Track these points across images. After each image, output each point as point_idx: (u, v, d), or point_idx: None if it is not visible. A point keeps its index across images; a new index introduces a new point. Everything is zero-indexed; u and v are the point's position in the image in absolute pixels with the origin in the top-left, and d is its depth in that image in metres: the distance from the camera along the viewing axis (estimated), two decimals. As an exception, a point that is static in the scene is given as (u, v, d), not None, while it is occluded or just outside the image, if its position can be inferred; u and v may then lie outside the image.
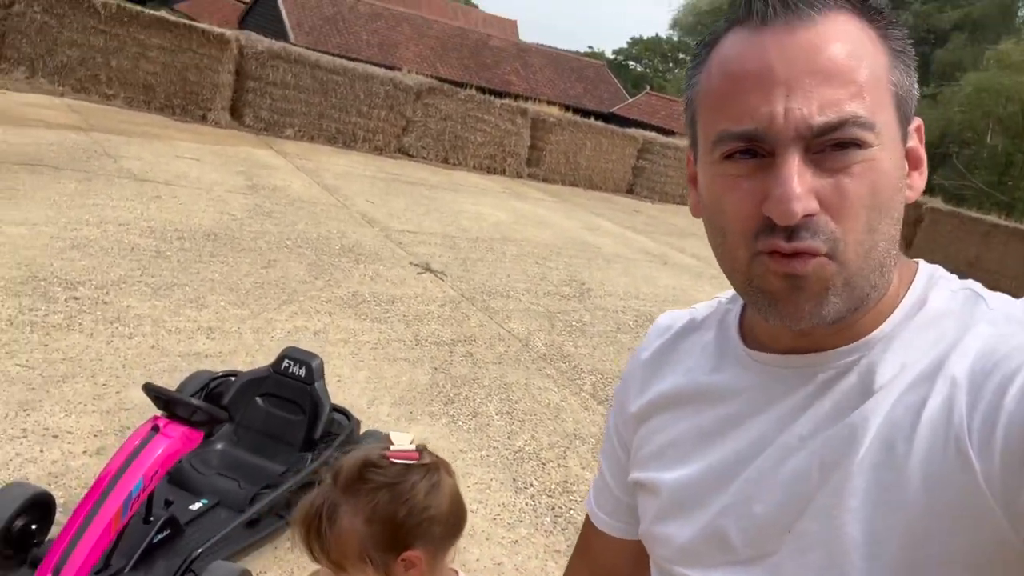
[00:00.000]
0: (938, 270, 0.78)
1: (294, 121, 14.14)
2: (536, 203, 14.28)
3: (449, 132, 15.89)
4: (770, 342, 0.79)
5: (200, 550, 2.69)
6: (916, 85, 0.73)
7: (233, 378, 3.59)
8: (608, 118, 24.45)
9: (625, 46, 63.94)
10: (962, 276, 0.79)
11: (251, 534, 2.99)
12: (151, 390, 2.73)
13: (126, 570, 2.59)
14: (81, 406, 3.83)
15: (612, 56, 62.34)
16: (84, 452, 3.45)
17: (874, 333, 0.73)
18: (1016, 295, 0.75)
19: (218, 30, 13.16)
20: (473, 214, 11.55)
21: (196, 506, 3.01)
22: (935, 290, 0.75)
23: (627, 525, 0.97)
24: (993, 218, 17.64)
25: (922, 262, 0.79)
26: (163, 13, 13.14)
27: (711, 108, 0.73)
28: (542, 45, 37.41)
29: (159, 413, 2.78)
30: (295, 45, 14.87)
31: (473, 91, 16.28)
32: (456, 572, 1.36)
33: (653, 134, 19.31)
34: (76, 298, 5.04)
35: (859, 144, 0.66)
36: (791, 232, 0.67)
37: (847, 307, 0.69)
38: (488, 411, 4.94)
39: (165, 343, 4.72)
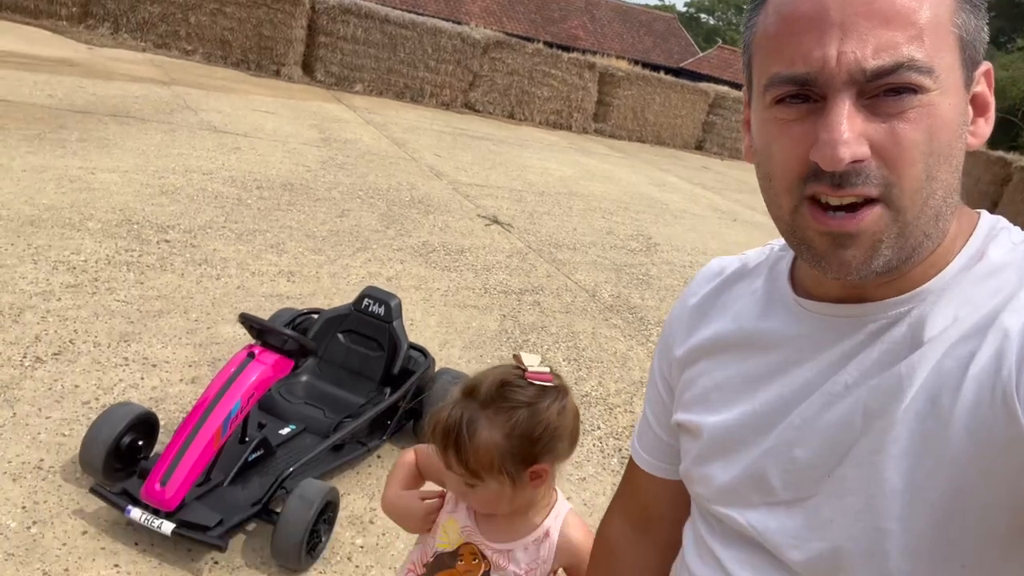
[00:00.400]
0: (1000, 221, 0.75)
1: (363, 76, 14.29)
2: (602, 159, 14.15)
3: (516, 87, 15.79)
4: (820, 291, 0.79)
5: (291, 469, 2.88)
6: (986, 28, 0.70)
7: (316, 315, 3.76)
8: (678, 73, 23.83)
9: (697, -2, 61.78)
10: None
11: (336, 458, 3.17)
12: (247, 319, 2.90)
13: (224, 484, 2.80)
14: (176, 339, 4.08)
15: (683, 9, 60.42)
16: (180, 380, 3.69)
17: (927, 284, 0.72)
18: None
19: (291, -15, 13.33)
20: (539, 169, 11.54)
21: (285, 431, 3.20)
22: (995, 242, 0.72)
23: (669, 465, 0.99)
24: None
25: (984, 212, 0.76)
26: (238, -31, 13.36)
27: (765, 51, 0.71)
28: (610, -2, 36.47)
29: (253, 342, 2.95)
30: (364, 0, 14.93)
31: (540, 45, 16.10)
32: (555, 490, 1.47)
33: (725, 88, 18.77)
34: (167, 241, 5.31)
35: (915, 89, 0.64)
36: (840, 179, 0.65)
37: (898, 258, 0.68)
38: (556, 357, 5.03)
39: (249, 284, 4.95)
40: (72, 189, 5.81)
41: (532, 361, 1.33)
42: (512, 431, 1.27)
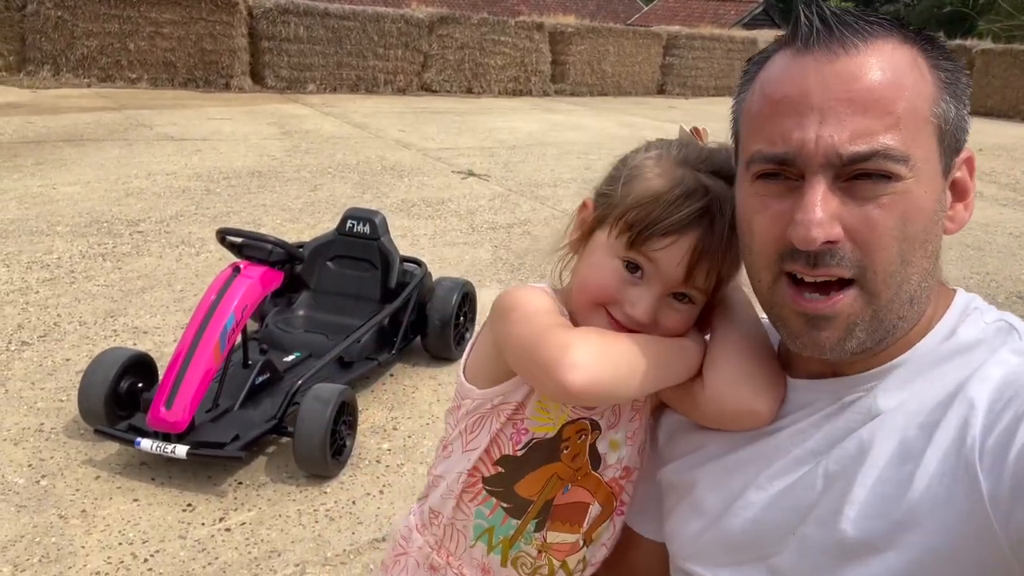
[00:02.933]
0: (974, 300, 0.77)
1: (314, 75, 14.07)
2: (568, 114, 14.02)
3: (468, 60, 15.61)
4: (801, 363, 0.82)
5: (300, 382, 2.75)
6: (967, 116, 0.71)
7: (301, 248, 3.62)
8: (626, 26, 23.67)
9: (632, -41, 61.59)
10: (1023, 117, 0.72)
11: (346, 374, 3.04)
12: (225, 233, 2.77)
13: (235, 408, 2.67)
14: (164, 308, 3.94)
15: (620, -28, 60.16)
16: (174, 341, 3.53)
17: (898, 359, 0.73)
18: None
19: (224, -6, 13.08)
20: (507, 129, 11.40)
21: (290, 358, 3.07)
22: (967, 322, 0.74)
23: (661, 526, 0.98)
24: (1051, 47, 16.59)
25: (960, 291, 0.78)
26: (168, -12, 13.10)
27: (749, 127, 0.74)
28: (547, -31, 36.23)
29: (236, 260, 2.82)
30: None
31: (485, 15, 15.92)
32: None
33: (677, 27, 18.64)
34: (140, 232, 5.16)
35: (889, 176, 0.66)
36: (815, 258, 0.67)
37: (872, 339, 0.70)
38: (559, 270, 4.91)
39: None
40: (35, 203, 5.64)
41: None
42: None
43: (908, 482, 0.67)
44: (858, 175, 0.66)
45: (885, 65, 0.67)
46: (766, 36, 20.11)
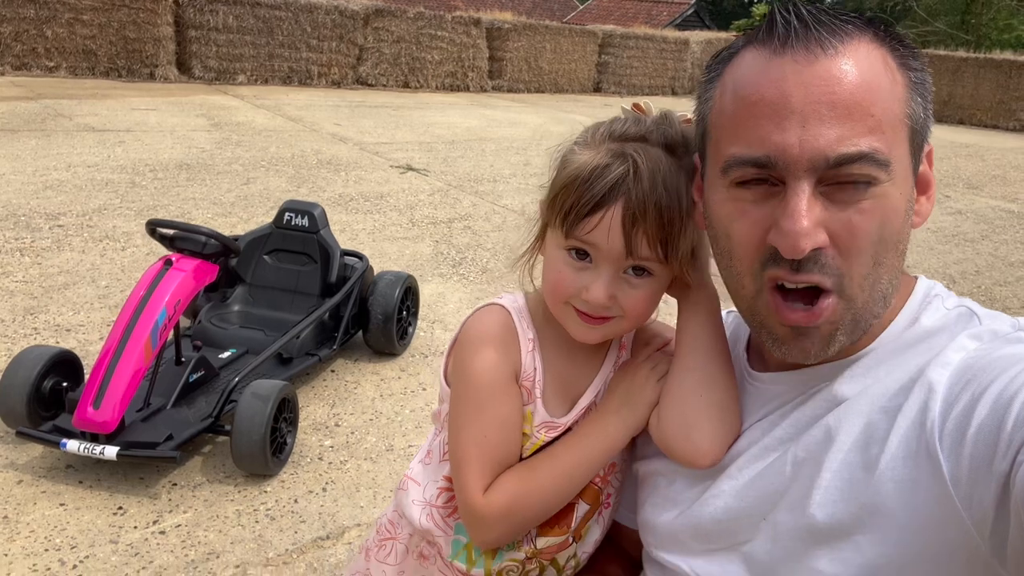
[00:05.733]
0: (935, 287, 0.78)
1: (244, 66, 13.69)
2: (505, 110, 14.02)
3: (405, 54, 15.44)
4: (772, 359, 0.83)
5: (237, 379, 2.66)
6: (931, 113, 0.72)
7: (236, 241, 3.50)
8: (562, 23, 23.79)
9: (566, -42, 61.97)
10: (937, 118, 0.74)
11: (286, 370, 2.96)
12: (156, 225, 2.65)
13: (168, 406, 2.56)
14: (88, 305, 3.75)
15: (555, -30, 60.47)
16: (100, 339, 3.38)
17: (864, 349, 0.75)
18: (992, 125, 0.70)
19: (148, -20, 12.58)
20: (445, 124, 11.32)
21: (226, 355, 2.97)
22: (929, 309, 0.75)
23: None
24: (962, 53, 17.45)
25: (921, 278, 0.79)
26: (87, -28, 12.50)
27: (722, 130, 0.71)
28: (482, -34, 36.16)
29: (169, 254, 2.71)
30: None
31: (422, 9, 15.77)
32: None
33: (612, 27, 18.85)
34: (60, 226, 4.91)
35: (872, 180, 0.65)
36: (798, 264, 0.67)
37: (850, 339, 0.72)
38: (497, 267, 4.90)
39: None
40: (-57, 196, 5.31)
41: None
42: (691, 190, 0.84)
43: (873, 466, 0.67)
44: (840, 179, 0.65)
45: (863, 67, 0.65)
46: (698, 37, 20.56)
